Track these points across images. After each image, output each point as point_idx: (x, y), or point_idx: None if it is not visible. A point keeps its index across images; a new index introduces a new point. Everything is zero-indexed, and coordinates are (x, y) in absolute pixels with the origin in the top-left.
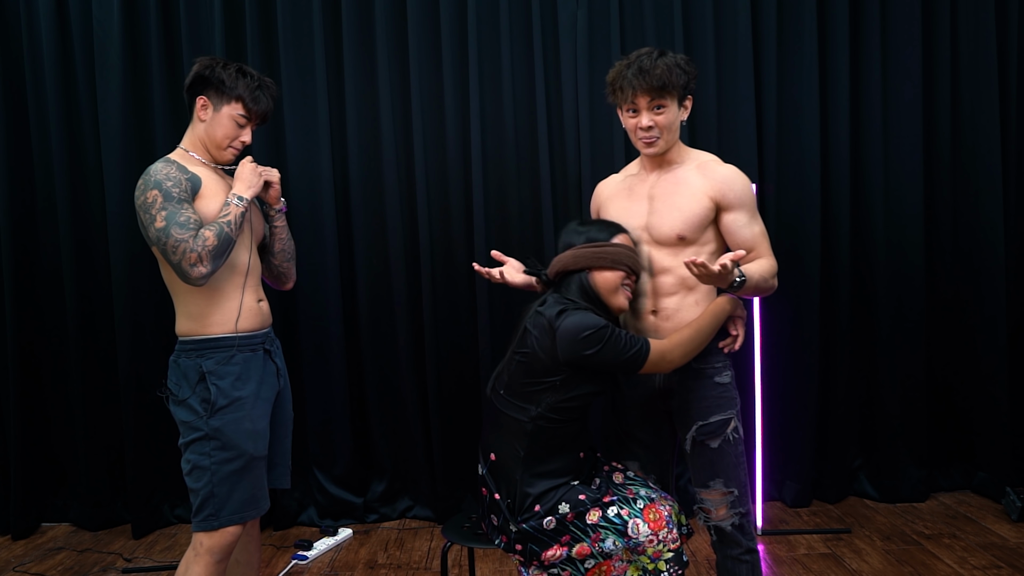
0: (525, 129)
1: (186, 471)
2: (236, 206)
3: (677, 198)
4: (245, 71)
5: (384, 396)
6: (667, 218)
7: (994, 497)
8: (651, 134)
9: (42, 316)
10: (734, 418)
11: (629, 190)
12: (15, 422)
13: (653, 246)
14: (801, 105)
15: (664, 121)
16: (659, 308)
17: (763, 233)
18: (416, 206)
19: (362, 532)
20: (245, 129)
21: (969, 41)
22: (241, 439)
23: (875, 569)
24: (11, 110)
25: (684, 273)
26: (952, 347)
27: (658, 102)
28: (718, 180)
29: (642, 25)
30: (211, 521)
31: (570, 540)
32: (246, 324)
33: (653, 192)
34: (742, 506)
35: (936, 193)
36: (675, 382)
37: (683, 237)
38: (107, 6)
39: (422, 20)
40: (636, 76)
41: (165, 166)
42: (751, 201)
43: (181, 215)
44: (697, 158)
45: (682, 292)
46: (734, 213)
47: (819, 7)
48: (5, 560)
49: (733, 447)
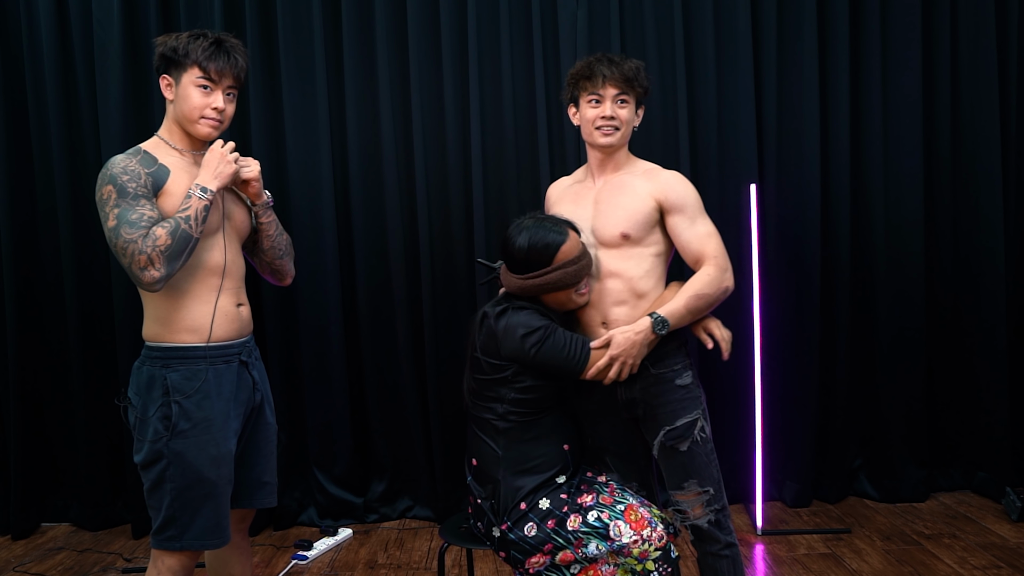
0: (525, 129)
1: (146, 487)
2: (198, 199)
3: (621, 198)
4: (198, 34)
5: (384, 396)
6: (611, 218)
7: (994, 497)
8: (611, 124)
9: (42, 316)
10: (700, 418)
11: (575, 195)
12: (15, 422)
13: (599, 249)
14: (801, 105)
15: (625, 115)
16: (609, 320)
17: (708, 233)
18: (416, 206)
19: (362, 532)
20: (214, 94)
21: (969, 41)
22: (203, 465)
23: (875, 569)
24: (11, 110)
25: (633, 275)
26: (952, 347)
27: (623, 96)
28: (661, 182)
29: (642, 25)
30: (173, 543)
31: (552, 548)
32: (221, 333)
33: (598, 196)
34: (717, 503)
35: (936, 194)
36: (637, 391)
37: (627, 235)
38: (107, 6)
39: (422, 20)
40: (607, 66)
41: (126, 159)
42: (694, 203)
43: (133, 212)
44: (643, 166)
45: (632, 300)
46: (677, 215)
47: (819, 7)
48: (5, 560)
49: (702, 447)
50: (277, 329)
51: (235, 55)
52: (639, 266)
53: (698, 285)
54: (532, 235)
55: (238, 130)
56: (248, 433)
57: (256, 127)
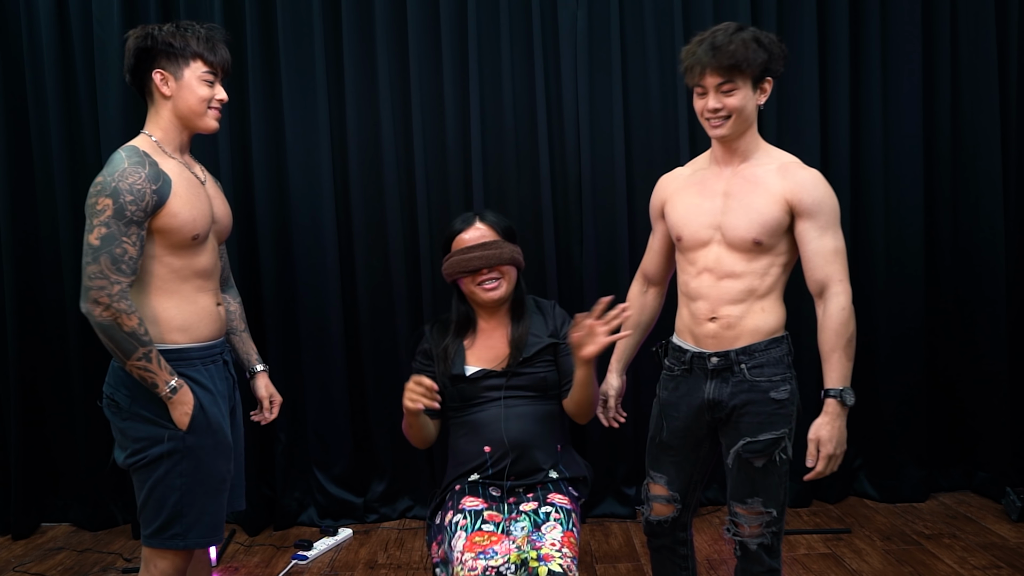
0: (525, 129)
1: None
2: (165, 384)
3: (754, 198)
4: (183, 26)
5: (384, 396)
6: (743, 219)
7: (994, 497)
8: (718, 115)
9: (42, 316)
10: (785, 438)
11: (700, 184)
12: (15, 422)
13: (724, 247)
14: (801, 105)
15: (734, 103)
16: (720, 315)
17: (836, 250)
18: (416, 206)
19: (362, 532)
20: (216, 85)
21: (969, 41)
22: (218, 461)
23: (875, 569)
24: (11, 110)
25: (755, 282)
26: (952, 347)
27: (728, 84)
28: (796, 182)
29: (642, 25)
30: (176, 541)
31: (441, 540)
32: (207, 332)
33: (728, 189)
34: (775, 526)
35: (936, 193)
36: (727, 393)
37: (760, 243)
38: (107, 6)
39: (422, 20)
40: (706, 53)
41: (135, 173)
42: (830, 211)
43: (119, 246)
44: (779, 158)
45: (749, 301)
46: (807, 222)
47: (819, 7)
48: (5, 560)
49: (778, 468)
50: (277, 329)
51: (225, 45)
52: (765, 272)
53: (842, 331)
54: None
55: (238, 130)
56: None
57: (256, 127)
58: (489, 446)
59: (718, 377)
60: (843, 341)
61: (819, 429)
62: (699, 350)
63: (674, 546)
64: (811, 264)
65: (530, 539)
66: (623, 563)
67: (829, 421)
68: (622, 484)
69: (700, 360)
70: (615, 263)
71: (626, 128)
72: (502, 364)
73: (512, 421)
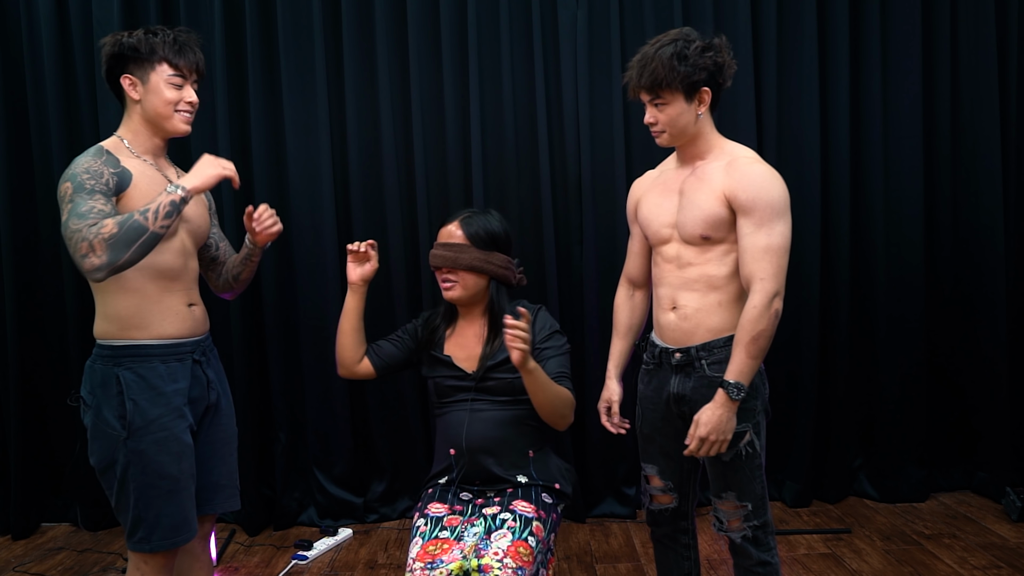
0: (525, 129)
1: (112, 491)
2: (167, 193)
3: (699, 195)
4: (154, 30)
5: (384, 396)
6: (690, 216)
7: (994, 497)
8: (654, 129)
9: (42, 316)
10: (749, 431)
11: (664, 184)
12: (15, 422)
13: (680, 243)
14: (801, 105)
15: (665, 118)
16: (679, 304)
17: (767, 248)
18: (416, 206)
19: (362, 532)
20: (185, 88)
21: (969, 41)
22: (164, 462)
23: (875, 569)
24: (11, 110)
25: (710, 270)
26: (952, 347)
27: (658, 100)
28: (735, 179)
29: (642, 25)
30: (143, 544)
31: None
32: (171, 330)
33: (683, 187)
34: (756, 519)
35: (936, 193)
36: (688, 388)
37: (707, 237)
38: (107, 6)
39: (422, 20)
40: (634, 71)
41: (90, 159)
42: (766, 208)
43: (84, 205)
44: (731, 153)
45: (704, 290)
46: (743, 218)
47: (819, 7)
48: (5, 560)
49: (747, 461)
50: (277, 329)
51: (195, 48)
52: (720, 261)
53: (748, 327)
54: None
55: (238, 130)
56: (204, 434)
57: (256, 127)
58: (454, 448)
59: (681, 372)
60: (747, 338)
61: (701, 412)
62: (665, 345)
63: (676, 535)
64: (741, 259)
65: (477, 547)
66: (623, 563)
67: (712, 408)
68: (622, 484)
69: (667, 355)
70: (615, 263)
71: (626, 128)
72: (472, 366)
73: (476, 425)
